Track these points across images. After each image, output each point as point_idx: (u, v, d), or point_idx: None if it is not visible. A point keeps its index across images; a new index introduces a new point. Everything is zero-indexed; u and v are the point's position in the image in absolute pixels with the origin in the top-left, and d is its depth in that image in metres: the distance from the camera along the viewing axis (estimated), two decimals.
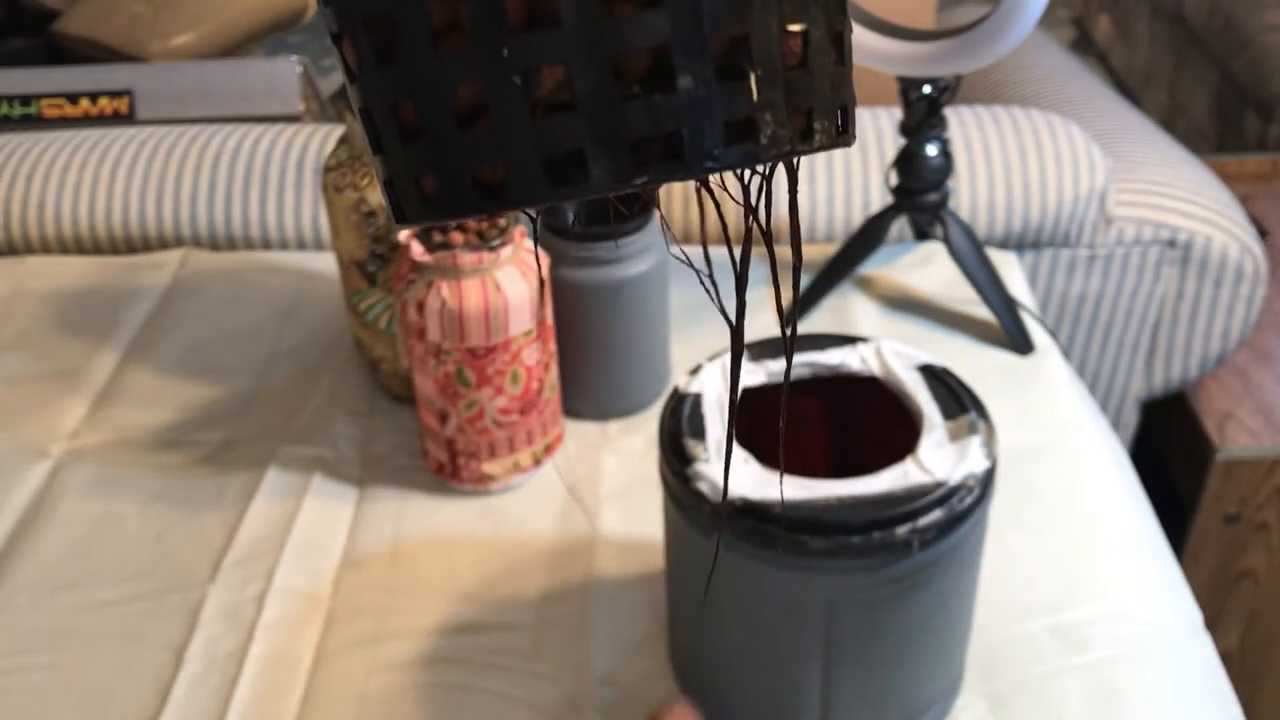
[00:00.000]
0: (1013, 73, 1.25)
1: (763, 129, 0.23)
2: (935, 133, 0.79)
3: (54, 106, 1.25)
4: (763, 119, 0.23)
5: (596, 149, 0.22)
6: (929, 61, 0.72)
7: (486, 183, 0.23)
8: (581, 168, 0.22)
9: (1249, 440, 1.11)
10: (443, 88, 0.23)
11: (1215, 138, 2.12)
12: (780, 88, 0.23)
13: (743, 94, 0.22)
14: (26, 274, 0.95)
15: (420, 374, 0.67)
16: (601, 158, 0.22)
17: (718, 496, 0.49)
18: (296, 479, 0.72)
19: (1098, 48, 2.86)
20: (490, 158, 0.23)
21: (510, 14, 0.22)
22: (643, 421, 0.76)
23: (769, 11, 0.23)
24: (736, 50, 0.22)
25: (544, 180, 0.23)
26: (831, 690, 0.52)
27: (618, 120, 0.22)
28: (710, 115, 0.22)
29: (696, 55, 0.22)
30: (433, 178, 0.24)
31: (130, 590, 0.66)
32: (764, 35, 0.22)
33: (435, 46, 0.22)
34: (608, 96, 0.22)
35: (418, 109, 0.23)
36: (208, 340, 0.86)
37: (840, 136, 0.25)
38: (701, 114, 0.22)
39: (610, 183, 0.23)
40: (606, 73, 0.22)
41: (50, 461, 0.75)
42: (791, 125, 0.23)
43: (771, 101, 0.23)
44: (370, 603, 0.64)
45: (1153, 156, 1.04)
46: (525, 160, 0.22)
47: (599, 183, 0.22)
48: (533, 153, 0.22)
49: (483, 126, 0.23)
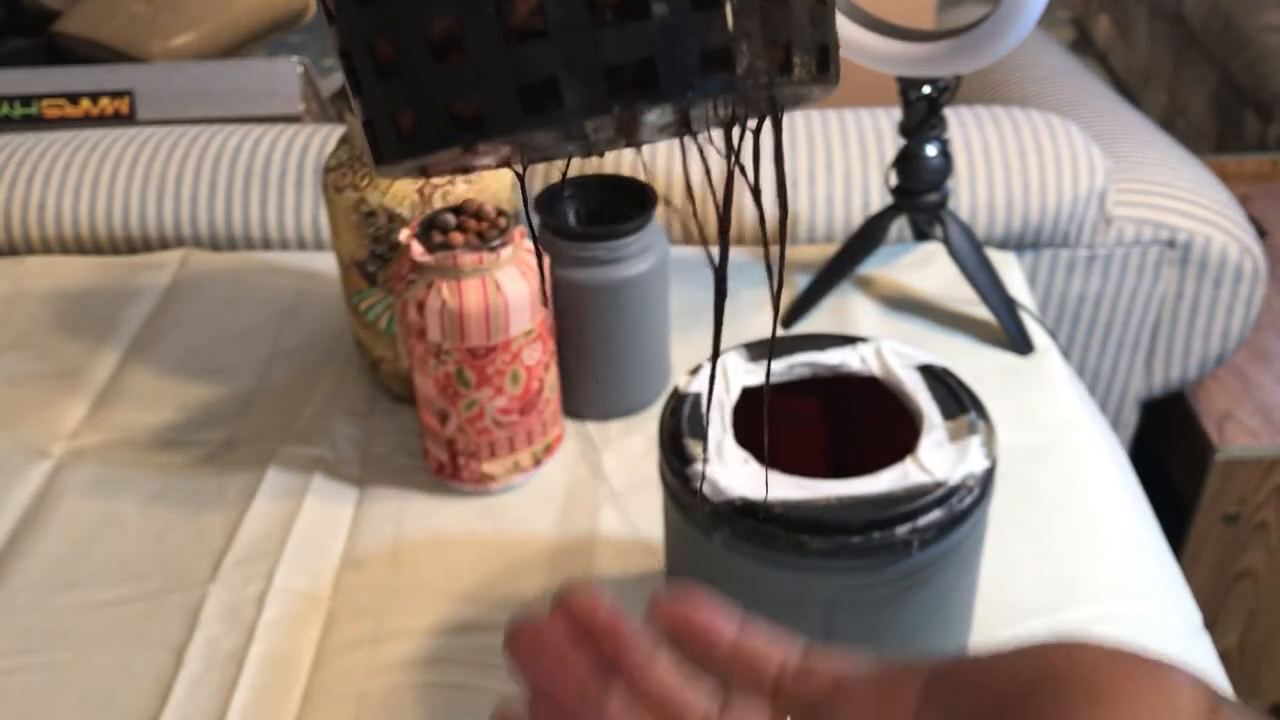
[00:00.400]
0: (1012, 73, 1.25)
1: (739, 59, 0.23)
2: (935, 133, 0.79)
3: (54, 107, 1.25)
4: (739, 49, 0.23)
5: (570, 76, 0.22)
6: (929, 62, 0.73)
7: (463, 116, 0.23)
8: (556, 95, 0.22)
9: (1248, 440, 1.11)
10: (418, 21, 0.23)
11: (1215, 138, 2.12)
12: (757, 18, 0.23)
13: (718, 21, 0.22)
14: (27, 274, 0.95)
15: (420, 374, 0.67)
16: (575, 85, 0.22)
17: (718, 496, 0.49)
18: (297, 479, 0.72)
19: (1097, 48, 2.86)
20: (466, 89, 0.23)
21: None
22: (643, 421, 0.76)
23: None
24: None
25: (519, 109, 0.23)
26: None
27: (591, 47, 0.22)
28: (685, 42, 0.22)
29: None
30: (410, 113, 0.24)
31: (130, 590, 0.66)
32: None
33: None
34: (580, 23, 0.22)
35: (394, 44, 0.23)
36: (208, 340, 0.86)
37: (820, 74, 0.25)
38: (676, 41, 0.22)
39: (584, 109, 0.23)
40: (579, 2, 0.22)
41: (50, 461, 0.75)
42: (769, 57, 0.23)
43: (747, 31, 0.23)
44: (370, 603, 0.64)
45: (1152, 157, 1.04)
46: (500, 90, 0.23)
47: (573, 110, 0.23)
48: (507, 81, 0.22)
49: (458, 58, 0.23)
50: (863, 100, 1.03)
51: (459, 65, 0.23)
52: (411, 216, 0.70)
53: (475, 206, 0.66)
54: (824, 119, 1.01)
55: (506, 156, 0.27)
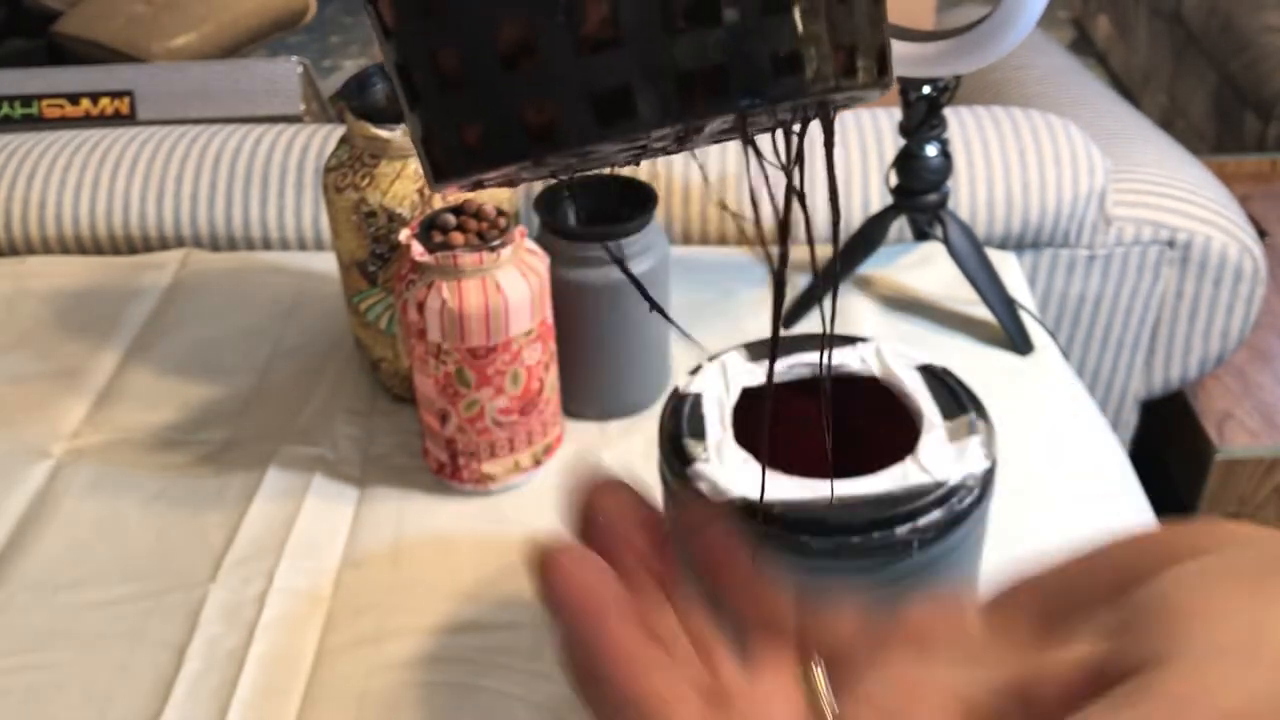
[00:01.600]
0: (1012, 73, 1.25)
1: (807, 63, 0.23)
2: (935, 133, 0.79)
3: (55, 107, 1.26)
4: (807, 53, 0.23)
5: (644, 84, 0.22)
6: (928, 62, 0.73)
7: (533, 127, 0.23)
8: (629, 104, 0.22)
9: (1248, 440, 1.11)
10: (487, 28, 0.22)
11: (1214, 138, 2.12)
12: (824, 22, 0.23)
13: (788, 27, 0.23)
14: (28, 274, 0.95)
15: (420, 374, 0.68)
16: (649, 94, 0.22)
17: (718, 496, 0.49)
18: (297, 479, 0.72)
19: (1097, 48, 2.86)
20: (537, 97, 0.23)
21: None
22: (643, 421, 0.76)
23: None
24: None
25: (591, 119, 0.23)
26: None
27: (663, 55, 0.22)
28: (755, 48, 0.22)
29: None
30: (476, 125, 0.24)
31: (131, 590, 0.66)
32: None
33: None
34: (654, 31, 0.22)
35: (460, 54, 0.23)
36: (208, 340, 0.86)
37: (880, 77, 0.25)
38: (747, 47, 0.22)
39: (658, 119, 0.23)
40: (652, 7, 0.22)
41: (51, 461, 0.75)
42: (835, 61, 0.23)
43: (815, 35, 0.23)
44: (371, 602, 0.64)
45: (1152, 157, 1.04)
46: (572, 99, 0.22)
47: (647, 119, 0.22)
48: (580, 90, 0.22)
49: (528, 66, 0.23)
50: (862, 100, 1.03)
51: (529, 74, 0.23)
52: (411, 216, 0.70)
53: (475, 206, 0.66)
54: None
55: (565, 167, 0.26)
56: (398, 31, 0.24)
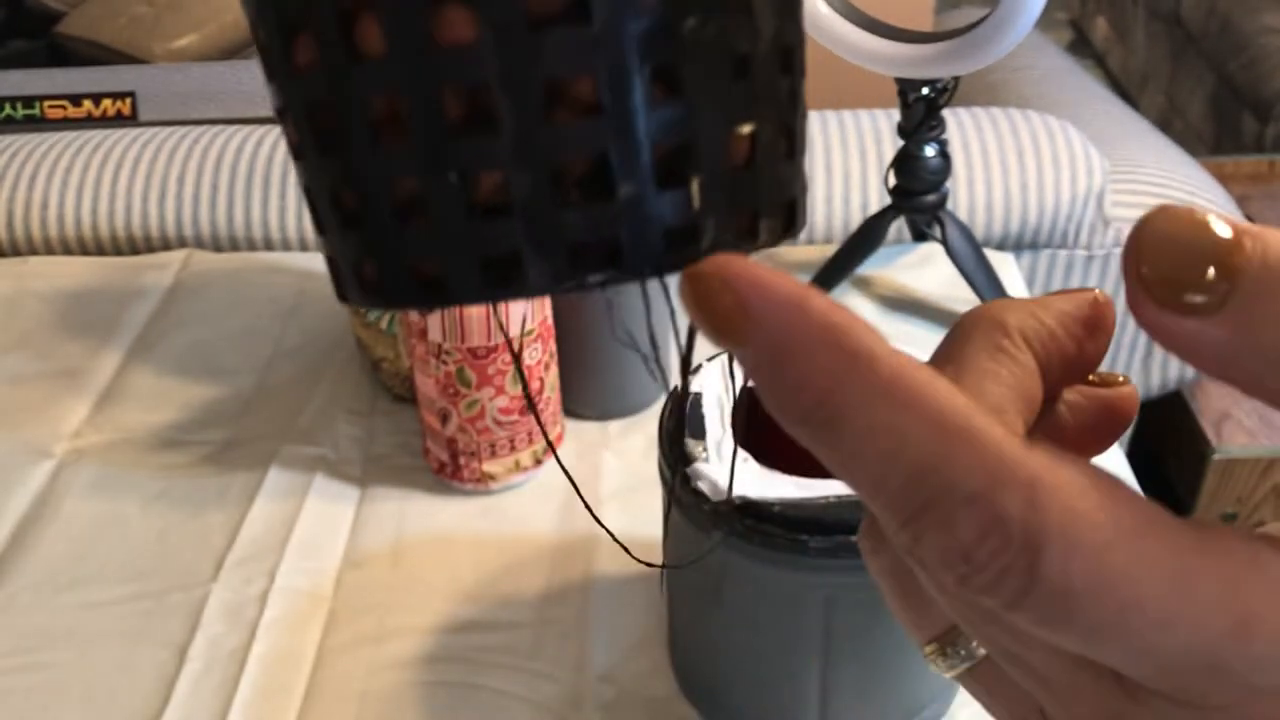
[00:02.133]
0: (1011, 74, 1.25)
1: (705, 233, 0.22)
2: (933, 134, 0.80)
3: (57, 108, 1.26)
4: (705, 223, 0.22)
5: (533, 253, 0.22)
6: (927, 63, 0.73)
7: (425, 276, 0.23)
8: (518, 269, 0.22)
9: (1246, 440, 1.11)
10: (382, 181, 0.22)
11: (1212, 139, 2.12)
12: (724, 190, 0.22)
13: (684, 201, 0.22)
14: (29, 274, 0.95)
15: (421, 374, 0.68)
16: (538, 261, 0.22)
17: (718, 496, 0.49)
18: (298, 478, 0.73)
19: (1095, 49, 2.86)
20: (427, 253, 0.22)
21: (449, 113, 0.21)
22: (643, 421, 0.76)
23: (715, 117, 0.22)
24: (679, 156, 0.22)
25: (480, 280, 0.22)
26: (830, 688, 0.52)
27: (554, 226, 0.22)
28: (650, 222, 0.22)
29: (636, 164, 0.21)
30: (372, 266, 0.23)
31: (132, 589, 0.66)
32: (710, 140, 0.22)
33: (376, 139, 0.22)
34: (544, 203, 0.21)
35: (357, 198, 0.23)
36: (210, 340, 0.86)
37: (786, 233, 0.24)
38: (641, 221, 0.22)
39: (547, 285, 0.22)
40: (544, 179, 0.21)
41: (53, 461, 0.75)
42: (735, 227, 0.23)
43: (714, 205, 0.22)
44: (372, 602, 0.65)
45: (1150, 158, 1.04)
46: (461, 259, 0.22)
47: (535, 285, 0.22)
48: (469, 252, 0.22)
49: (421, 222, 0.22)
50: (862, 101, 1.04)
51: (421, 229, 0.22)
52: None
53: None
54: (824, 120, 1.02)
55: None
56: (301, 160, 0.24)
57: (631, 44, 0.21)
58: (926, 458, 0.18)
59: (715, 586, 0.53)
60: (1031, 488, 0.17)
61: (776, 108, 0.23)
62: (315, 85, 0.22)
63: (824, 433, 0.19)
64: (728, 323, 0.19)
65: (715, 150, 0.22)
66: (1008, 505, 0.17)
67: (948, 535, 0.17)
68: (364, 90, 0.22)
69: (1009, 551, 0.17)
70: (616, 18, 0.21)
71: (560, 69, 0.21)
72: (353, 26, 0.21)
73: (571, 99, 0.21)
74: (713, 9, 0.22)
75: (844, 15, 0.74)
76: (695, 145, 0.22)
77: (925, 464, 0.18)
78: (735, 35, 0.22)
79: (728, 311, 0.19)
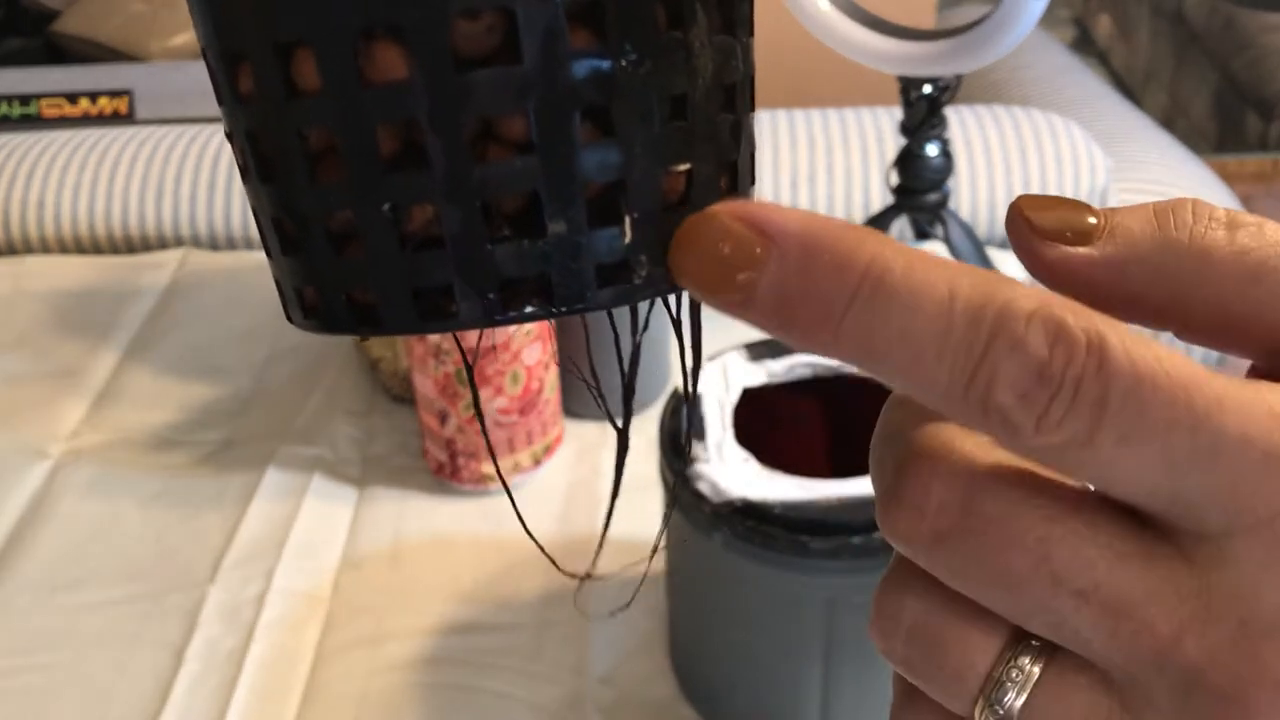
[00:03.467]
0: (1013, 72, 1.25)
1: (637, 270, 0.22)
2: (936, 132, 0.79)
3: (53, 106, 1.25)
4: (637, 260, 0.22)
5: (464, 287, 0.22)
6: (929, 61, 0.72)
7: (360, 305, 0.23)
8: (449, 304, 0.22)
9: None
10: (318, 211, 0.22)
11: (1216, 138, 2.12)
12: (658, 227, 0.22)
13: (617, 238, 0.22)
14: (26, 274, 0.95)
15: (420, 374, 0.67)
16: (470, 295, 0.22)
17: (718, 497, 0.49)
18: (296, 479, 0.72)
19: (1098, 47, 2.86)
20: (361, 283, 0.23)
21: (382, 148, 0.21)
22: (643, 421, 0.76)
23: (650, 156, 0.22)
24: (612, 194, 0.22)
25: (413, 311, 0.22)
26: (831, 690, 0.52)
27: (485, 261, 0.22)
28: (581, 259, 0.22)
29: (568, 202, 0.21)
30: (312, 291, 0.24)
31: (130, 590, 0.66)
32: (643, 178, 0.22)
33: (312, 170, 0.22)
34: (475, 238, 0.22)
35: (295, 227, 0.23)
36: (207, 340, 0.86)
37: None
38: (572, 258, 0.22)
39: (478, 319, 0.22)
40: (475, 215, 0.21)
41: (50, 461, 0.75)
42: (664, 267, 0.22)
43: (647, 241, 0.22)
44: (370, 603, 0.64)
45: (1153, 156, 1.04)
46: (394, 290, 0.22)
47: (467, 319, 0.22)
48: (401, 284, 0.22)
49: (355, 252, 0.22)
50: (863, 100, 1.03)
51: (356, 258, 0.22)
52: None
53: None
54: (824, 119, 1.01)
55: None
56: (246, 183, 0.24)
57: (563, 85, 0.21)
58: (981, 293, 0.18)
59: (716, 588, 0.52)
60: (1073, 302, 0.18)
61: (715, 146, 0.23)
62: (255, 115, 0.23)
63: (878, 301, 0.19)
64: (744, 250, 0.20)
65: (648, 189, 0.22)
66: (1063, 313, 0.18)
67: (1022, 355, 0.18)
68: (300, 124, 0.22)
69: (1079, 355, 0.18)
70: (547, 58, 0.21)
71: (490, 108, 0.21)
72: (289, 62, 0.21)
73: (502, 137, 0.21)
74: (646, 51, 0.22)
75: (846, 12, 0.73)
76: (627, 184, 0.22)
77: (983, 298, 0.18)
78: (671, 76, 0.22)
79: (742, 239, 0.20)
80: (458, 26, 0.20)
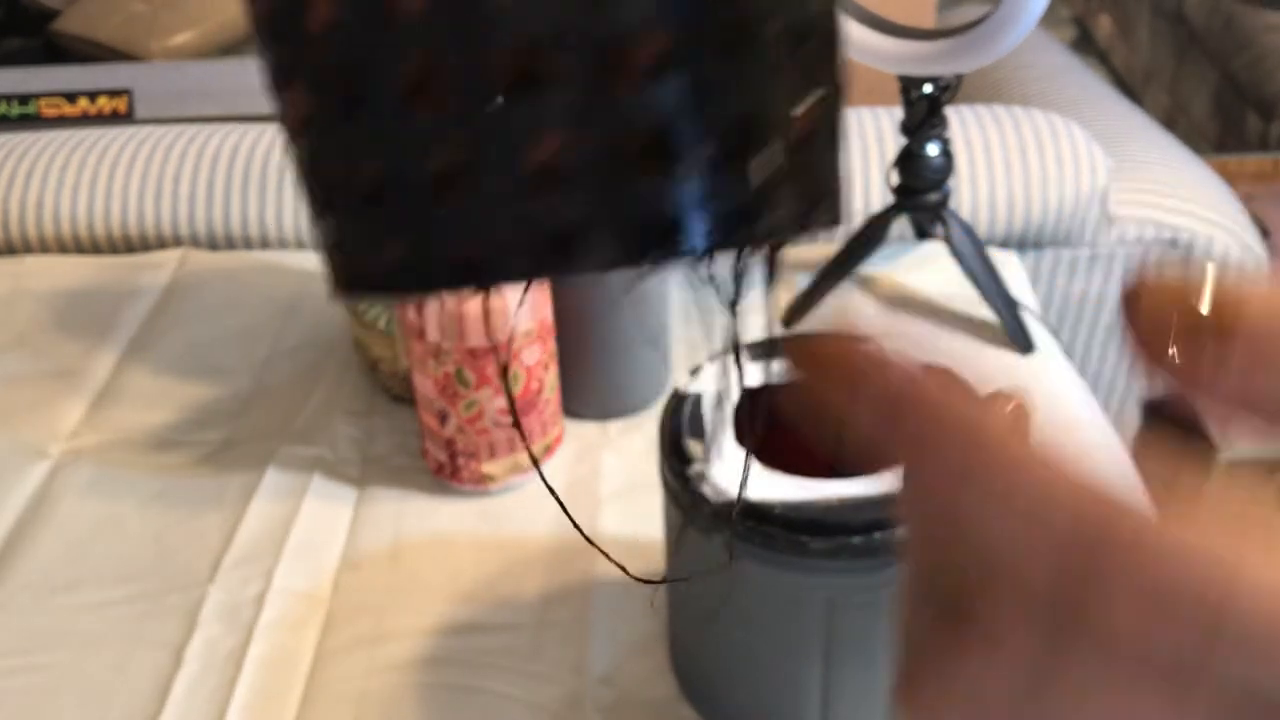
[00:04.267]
0: (1014, 72, 1.25)
1: (762, 215, 0.21)
2: (936, 132, 0.79)
3: (52, 106, 1.25)
4: (762, 204, 0.21)
5: (586, 231, 0.20)
6: (930, 60, 0.72)
7: (458, 258, 0.21)
8: (567, 249, 0.20)
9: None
10: (417, 150, 0.20)
11: (1216, 137, 2.12)
12: (783, 172, 0.21)
13: (743, 180, 0.21)
14: (25, 274, 0.95)
15: (420, 374, 0.67)
16: (591, 240, 0.20)
17: (718, 496, 0.49)
18: (296, 479, 0.72)
19: (1099, 47, 2.86)
20: (466, 233, 0.20)
21: (498, 79, 0.19)
22: (643, 421, 0.76)
23: (777, 92, 0.21)
24: (739, 132, 0.21)
25: (525, 260, 0.21)
26: (832, 690, 0.52)
27: (610, 203, 0.20)
28: (708, 201, 0.21)
29: (696, 139, 0.20)
30: (398, 245, 0.21)
31: (129, 590, 0.66)
32: (771, 117, 0.21)
33: (411, 104, 0.20)
34: (600, 178, 0.20)
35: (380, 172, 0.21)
36: (207, 340, 0.86)
37: (834, 222, 0.24)
38: (699, 199, 0.21)
39: (597, 265, 0.21)
40: (601, 153, 0.20)
41: (49, 462, 0.75)
42: (789, 209, 0.22)
43: (772, 185, 0.21)
44: (370, 603, 0.64)
45: (1154, 156, 1.04)
46: (504, 238, 0.20)
47: (584, 265, 0.21)
48: (513, 230, 0.20)
49: (458, 197, 0.20)
50: (863, 99, 1.03)
51: (460, 205, 0.20)
52: None
53: None
54: None
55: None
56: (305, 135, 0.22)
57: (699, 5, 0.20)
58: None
59: (716, 588, 0.52)
60: None
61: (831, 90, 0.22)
62: (335, 46, 0.20)
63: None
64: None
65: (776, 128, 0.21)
66: None
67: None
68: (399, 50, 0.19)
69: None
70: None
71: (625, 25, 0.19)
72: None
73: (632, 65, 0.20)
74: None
75: (846, 12, 0.73)
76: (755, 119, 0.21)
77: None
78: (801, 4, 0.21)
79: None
80: None
